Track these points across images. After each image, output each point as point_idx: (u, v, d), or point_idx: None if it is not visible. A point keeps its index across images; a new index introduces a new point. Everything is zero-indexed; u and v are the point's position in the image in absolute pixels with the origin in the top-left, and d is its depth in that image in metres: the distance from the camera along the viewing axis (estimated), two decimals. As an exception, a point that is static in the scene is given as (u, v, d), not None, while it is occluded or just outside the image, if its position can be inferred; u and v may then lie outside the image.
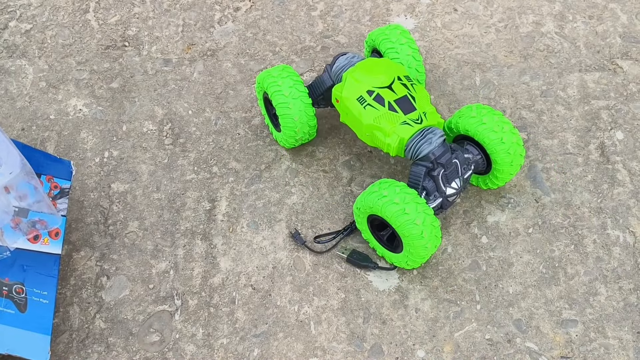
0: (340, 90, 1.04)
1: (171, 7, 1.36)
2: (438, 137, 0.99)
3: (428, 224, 0.94)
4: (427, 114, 1.01)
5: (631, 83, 1.23)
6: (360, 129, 1.03)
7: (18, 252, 0.94)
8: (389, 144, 1.00)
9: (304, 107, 1.07)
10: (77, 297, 1.03)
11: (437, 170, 0.98)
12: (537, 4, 1.34)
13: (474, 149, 1.03)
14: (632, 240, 1.06)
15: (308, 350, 0.98)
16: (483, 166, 1.04)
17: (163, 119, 1.21)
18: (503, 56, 1.27)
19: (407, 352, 0.97)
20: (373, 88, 1.02)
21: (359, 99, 1.02)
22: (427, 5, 1.34)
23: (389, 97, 1.01)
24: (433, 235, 0.96)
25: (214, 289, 1.03)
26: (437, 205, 1.00)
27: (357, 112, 1.02)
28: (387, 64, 1.05)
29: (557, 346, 0.97)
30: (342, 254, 1.04)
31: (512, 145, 1.01)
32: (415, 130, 0.99)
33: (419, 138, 0.99)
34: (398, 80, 1.03)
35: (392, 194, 0.95)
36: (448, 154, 0.99)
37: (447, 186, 0.99)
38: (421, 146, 0.99)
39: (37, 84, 1.25)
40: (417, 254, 0.97)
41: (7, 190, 0.92)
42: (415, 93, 1.02)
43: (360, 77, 1.03)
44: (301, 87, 1.07)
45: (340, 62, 1.08)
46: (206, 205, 1.11)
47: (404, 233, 0.94)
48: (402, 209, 0.93)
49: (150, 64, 1.28)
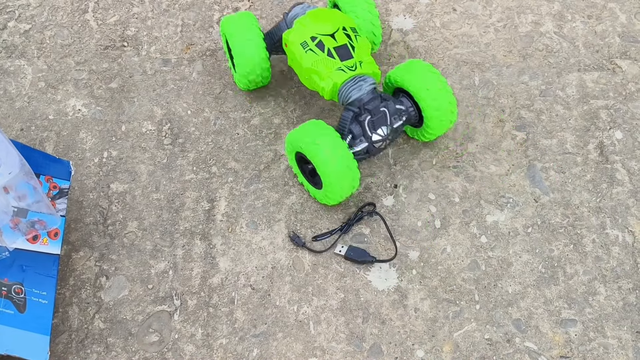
0: (288, 35, 1.10)
1: (170, 7, 1.36)
2: (368, 85, 1.05)
3: (344, 165, 1.01)
4: (362, 63, 1.06)
5: (630, 82, 1.23)
6: (300, 72, 1.10)
7: (17, 252, 0.94)
8: (323, 88, 1.06)
9: (257, 49, 1.12)
10: (76, 298, 1.03)
11: (363, 116, 1.04)
12: (536, 3, 1.34)
13: (408, 101, 1.08)
14: (631, 239, 1.06)
15: (307, 350, 0.98)
16: (415, 119, 1.09)
17: (162, 119, 1.21)
18: (502, 56, 1.27)
19: (407, 352, 0.97)
20: (317, 35, 1.08)
21: (302, 44, 1.08)
22: (426, 5, 1.34)
23: (330, 44, 1.07)
24: (349, 176, 1.02)
25: (213, 289, 1.03)
26: (362, 150, 1.06)
27: (299, 56, 1.08)
28: (335, 15, 1.11)
29: (557, 346, 0.97)
30: (340, 252, 1.04)
31: (444, 102, 1.06)
32: (348, 77, 1.05)
33: (350, 84, 1.05)
34: (342, 30, 1.08)
35: (315, 135, 1.02)
36: (376, 101, 1.05)
37: (373, 132, 1.05)
38: (351, 92, 1.05)
39: (36, 84, 1.25)
40: (333, 192, 1.03)
41: (6, 191, 0.92)
42: (357, 43, 1.08)
43: (307, 24, 1.09)
44: (256, 31, 1.12)
45: (295, 11, 1.15)
46: (205, 205, 1.11)
47: (321, 171, 1.02)
48: (321, 149, 1.01)
49: (149, 64, 1.28)
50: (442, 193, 1.11)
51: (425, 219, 1.09)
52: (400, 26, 1.31)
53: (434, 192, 1.11)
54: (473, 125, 1.18)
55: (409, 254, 1.05)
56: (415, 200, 1.11)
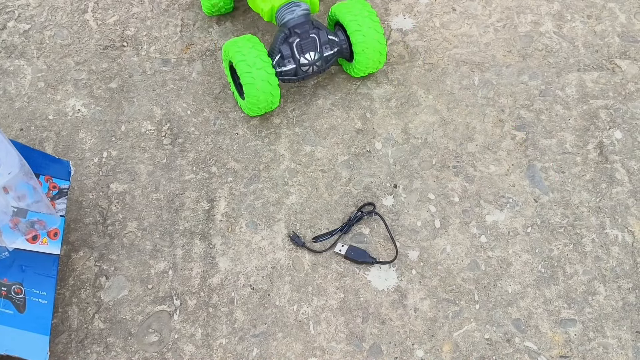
0: None
1: (170, 7, 1.36)
2: (301, 10, 1.13)
3: (264, 79, 1.09)
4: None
5: (630, 82, 1.23)
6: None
7: (17, 252, 0.94)
8: (262, 9, 1.16)
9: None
10: (76, 298, 1.03)
11: (293, 38, 1.12)
12: (536, 3, 1.34)
13: (343, 35, 1.16)
14: (630, 239, 1.06)
15: (307, 350, 0.98)
16: (347, 53, 1.17)
17: (162, 119, 1.21)
18: (502, 56, 1.27)
19: (406, 351, 0.97)
20: None
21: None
22: (425, 5, 1.34)
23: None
24: (268, 91, 1.10)
25: (213, 289, 1.03)
26: (290, 71, 1.13)
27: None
28: None
29: (556, 346, 0.97)
30: (340, 251, 1.04)
31: (372, 41, 1.14)
32: (285, 1, 1.14)
33: (286, 8, 1.14)
34: None
35: (244, 49, 1.09)
36: (307, 26, 1.12)
37: (301, 55, 1.12)
38: (285, 15, 1.13)
39: (35, 84, 1.25)
40: (253, 104, 1.12)
41: (6, 191, 0.92)
42: None
43: None
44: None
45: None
46: (205, 205, 1.11)
47: (243, 81, 1.09)
48: (245, 61, 1.08)
49: (149, 64, 1.28)
50: (442, 193, 1.11)
51: (425, 219, 1.09)
52: (399, 26, 1.31)
53: (434, 192, 1.11)
54: (473, 125, 1.18)
55: (408, 254, 1.05)
56: (415, 200, 1.11)
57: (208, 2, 1.26)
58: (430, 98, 1.21)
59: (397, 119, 1.19)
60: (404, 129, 1.18)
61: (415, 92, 1.22)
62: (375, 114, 1.20)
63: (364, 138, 1.17)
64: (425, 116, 1.19)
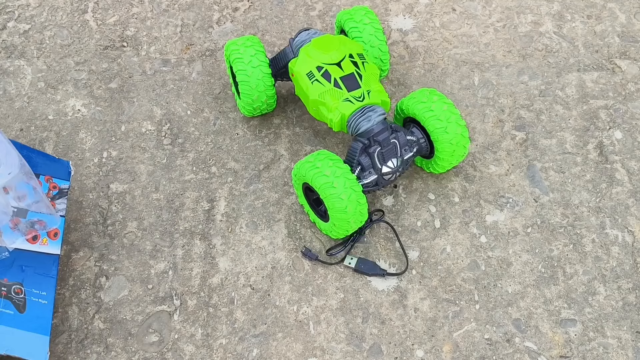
0: (294, 64, 1.07)
1: (170, 8, 1.36)
2: (377, 115, 1.01)
3: (353, 199, 0.97)
4: (370, 92, 1.03)
5: (629, 82, 1.23)
6: (307, 103, 1.07)
7: (17, 252, 0.94)
8: (331, 120, 1.03)
9: (263, 76, 1.09)
10: (76, 298, 1.03)
11: (373, 147, 1.01)
12: (536, 3, 1.34)
13: (419, 132, 1.05)
14: (630, 239, 1.06)
15: (307, 350, 0.98)
16: (426, 150, 1.06)
17: (162, 119, 1.21)
18: (502, 56, 1.27)
19: (406, 351, 0.97)
20: (322, 64, 1.04)
21: (308, 74, 1.05)
22: (425, 5, 1.34)
23: (336, 74, 1.04)
24: (357, 211, 0.99)
25: (213, 289, 1.03)
26: (371, 182, 1.03)
27: (305, 87, 1.05)
28: (341, 42, 1.07)
29: (556, 346, 0.97)
30: (349, 264, 1.04)
31: (456, 136, 1.03)
32: (356, 108, 1.02)
33: (359, 115, 1.02)
34: (349, 57, 1.05)
35: (324, 167, 0.98)
36: (386, 132, 1.01)
37: (382, 164, 1.02)
38: (360, 123, 1.01)
39: (35, 84, 1.25)
40: (341, 227, 1.00)
41: (6, 191, 0.92)
42: (364, 71, 1.05)
43: (313, 53, 1.06)
44: (262, 57, 1.09)
45: (301, 37, 1.11)
46: (205, 206, 1.11)
47: (329, 205, 0.98)
48: (330, 182, 0.97)
49: (149, 64, 1.28)
50: (442, 193, 1.11)
51: (425, 219, 1.09)
52: (399, 26, 1.31)
53: (434, 192, 1.12)
54: (473, 125, 1.18)
55: (408, 254, 1.05)
56: (415, 200, 1.11)
57: (250, 106, 1.13)
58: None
59: (397, 119, 1.19)
60: (404, 129, 1.18)
61: (415, 92, 1.22)
62: (375, 114, 1.20)
63: (364, 138, 1.17)
64: (425, 116, 1.19)
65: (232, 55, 1.11)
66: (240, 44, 1.11)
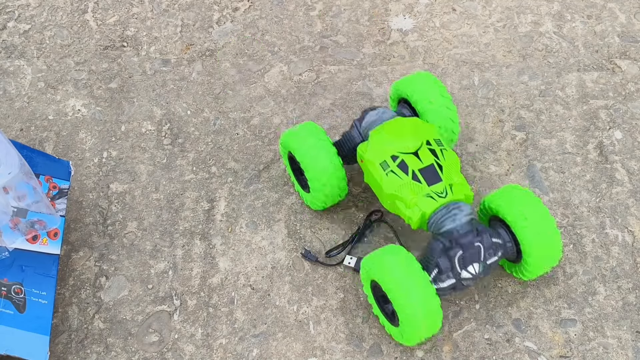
0: (365, 150, 0.98)
1: (170, 8, 1.36)
2: (464, 216, 0.92)
3: (427, 307, 0.88)
4: (453, 187, 0.94)
5: (629, 82, 1.23)
6: (381, 196, 0.98)
7: (17, 252, 0.94)
8: (409, 217, 0.94)
9: (331, 160, 0.99)
10: (76, 298, 1.03)
11: (454, 250, 0.91)
12: (536, 3, 1.34)
13: (506, 234, 0.94)
14: (630, 239, 1.06)
15: (307, 350, 0.98)
16: (513, 254, 0.95)
17: (162, 119, 1.21)
18: (502, 56, 1.27)
19: (406, 351, 0.97)
20: (398, 153, 0.96)
21: (382, 164, 0.96)
22: (425, 5, 1.34)
23: (414, 165, 0.95)
24: (431, 320, 0.90)
25: (213, 289, 1.03)
26: (448, 286, 0.92)
27: (379, 178, 0.96)
28: (416, 126, 0.98)
29: (556, 345, 0.97)
30: (349, 264, 1.03)
31: (548, 243, 0.93)
32: (438, 205, 0.92)
33: (443, 213, 0.92)
34: (426, 145, 0.96)
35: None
36: (471, 235, 0.91)
37: (463, 269, 0.91)
38: (444, 222, 0.92)
39: (35, 84, 1.25)
40: (411, 334, 0.91)
41: (6, 191, 0.92)
42: (444, 161, 0.96)
43: (385, 139, 0.97)
44: (327, 142, 1.00)
45: (369, 118, 1.02)
46: (205, 206, 1.11)
47: (400, 311, 0.89)
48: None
49: (149, 64, 1.28)
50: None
51: (425, 219, 1.09)
52: (399, 26, 1.31)
53: (434, 192, 1.11)
54: (473, 125, 1.18)
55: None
56: (414, 200, 1.11)
57: (321, 193, 1.01)
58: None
59: (397, 119, 1.19)
60: (404, 129, 1.18)
61: (415, 92, 1.22)
62: (375, 114, 1.20)
63: (364, 138, 1.17)
64: (425, 116, 1.19)
65: (292, 144, 1.01)
66: (299, 131, 1.02)
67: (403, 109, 1.07)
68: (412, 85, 1.04)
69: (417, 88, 1.03)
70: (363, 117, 1.04)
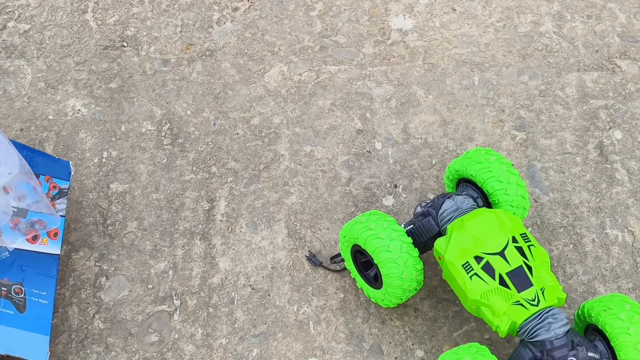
0: (444, 248, 0.90)
1: (169, 8, 1.36)
2: (560, 326, 0.83)
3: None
4: (545, 291, 0.86)
5: (629, 82, 1.23)
6: (465, 300, 0.89)
7: (17, 252, 0.94)
8: (497, 326, 0.85)
9: (407, 248, 0.90)
10: (76, 298, 1.03)
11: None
12: (536, 3, 1.34)
13: (604, 347, 0.86)
14: (630, 239, 1.06)
15: (307, 350, 0.98)
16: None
17: (162, 119, 1.21)
18: (502, 56, 1.27)
19: (406, 351, 0.97)
20: (482, 254, 0.87)
21: (464, 266, 0.87)
22: (425, 5, 1.34)
23: (501, 268, 0.86)
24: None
25: (213, 289, 1.03)
26: None
27: (461, 281, 0.87)
28: (499, 220, 0.89)
29: (556, 345, 0.97)
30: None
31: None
32: (530, 314, 0.84)
33: (535, 322, 0.84)
34: (513, 242, 0.88)
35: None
36: (566, 349, 0.83)
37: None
38: (537, 331, 0.83)
39: (35, 84, 1.25)
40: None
41: (6, 191, 0.92)
42: (533, 261, 0.87)
43: (467, 237, 0.89)
44: (401, 233, 0.91)
45: (447, 207, 0.94)
46: (205, 206, 1.11)
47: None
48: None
49: (149, 64, 1.28)
50: (442, 192, 1.11)
51: (425, 219, 1.09)
52: (399, 26, 1.31)
53: (434, 192, 1.11)
54: (473, 125, 1.18)
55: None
56: (415, 200, 1.11)
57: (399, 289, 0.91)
58: (430, 98, 1.22)
59: (397, 119, 1.19)
60: (404, 129, 1.18)
61: (415, 92, 1.22)
62: (375, 114, 1.20)
63: (364, 138, 1.17)
64: (425, 116, 1.20)
65: (360, 237, 0.92)
66: (367, 222, 0.93)
67: (468, 189, 0.99)
68: (474, 164, 0.96)
69: (481, 166, 0.95)
70: (436, 203, 0.95)
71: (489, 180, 0.94)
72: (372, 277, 0.95)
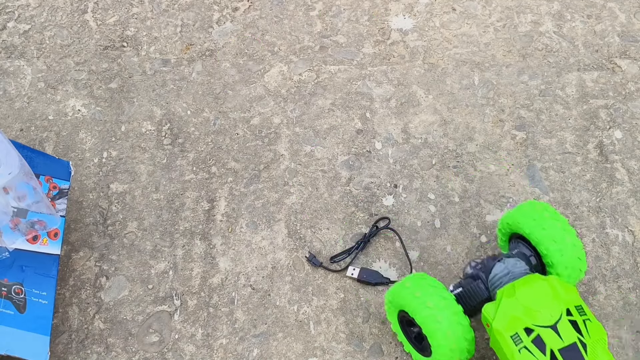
0: (492, 315, 0.84)
1: (169, 8, 1.36)
2: None
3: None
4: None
5: (630, 82, 1.23)
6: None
7: (17, 252, 0.94)
8: None
9: (457, 317, 0.86)
10: (76, 298, 1.03)
11: None
12: (536, 3, 1.34)
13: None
14: (630, 239, 1.06)
15: (307, 350, 0.98)
16: None
17: (162, 119, 1.21)
18: (502, 55, 1.27)
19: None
20: (533, 326, 0.81)
21: (513, 337, 0.82)
22: (425, 5, 1.34)
23: (553, 344, 0.80)
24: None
25: (213, 289, 1.03)
26: None
27: (509, 353, 0.82)
28: (553, 289, 0.84)
29: (557, 345, 0.97)
30: (352, 275, 1.03)
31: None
32: None
33: None
34: (567, 315, 0.82)
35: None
36: None
37: None
38: None
39: (35, 84, 1.25)
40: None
41: (6, 191, 0.92)
42: (588, 338, 0.81)
43: (517, 305, 0.83)
44: (451, 300, 0.87)
45: (498, 272, 0.89)
46: (205, 206, 1.11)
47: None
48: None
49: (149, 64, 1.28)
50: (442, 193, 1.11)
51: (425, 219, 1.09)
52: (399, 26, 1.31)
53: (434, 191, 1.12)
54: (473, 125, 1.18)
55: (409, 254, 1.05)
56: (415, 200, 1.11)
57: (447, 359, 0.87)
58: (430, 98, 1.22)
59: (397, 119, 1.19)
60: (404, 129, 1.18)
61: (415, 92, 1.22)
62: (375, 114, 1.20)
63: (364, 138, 1.17)
64: (425, 116, 1.20)
65: (407, 304, 0.87)
66: (413, 287, 0.88)
67: (520, 246, 0.94)
68: (528, 221, 0.91)
69: (536, 224, 0.90)
70: (487, 266, 0.91)
71: (543, 240, 0.88)
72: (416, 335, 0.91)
